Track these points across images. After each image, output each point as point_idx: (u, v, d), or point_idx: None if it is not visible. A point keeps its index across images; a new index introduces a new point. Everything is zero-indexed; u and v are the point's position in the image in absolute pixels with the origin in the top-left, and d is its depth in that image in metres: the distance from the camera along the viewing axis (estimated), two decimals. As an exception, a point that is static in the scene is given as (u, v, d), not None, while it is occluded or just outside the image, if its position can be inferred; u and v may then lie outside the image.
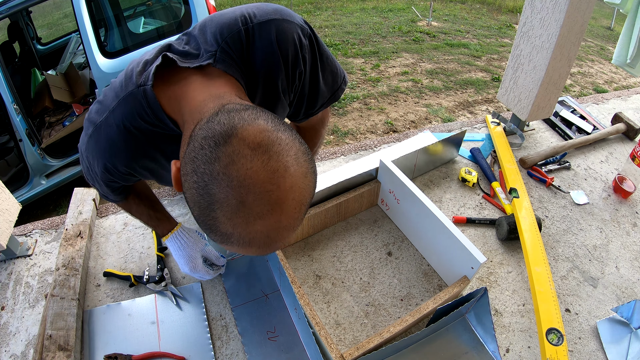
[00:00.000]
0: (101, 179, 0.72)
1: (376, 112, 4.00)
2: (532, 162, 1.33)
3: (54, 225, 1.13)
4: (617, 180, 1.25)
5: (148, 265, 1.01)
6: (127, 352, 0.83)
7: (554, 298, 0.90)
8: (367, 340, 0.78)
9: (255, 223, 0.43)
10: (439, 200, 1.20)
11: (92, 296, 0.94)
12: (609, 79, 5.09)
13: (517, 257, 1.05)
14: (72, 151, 2.89)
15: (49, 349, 0.80)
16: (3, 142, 2.80)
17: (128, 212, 0.91)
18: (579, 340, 0.89)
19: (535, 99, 1.31)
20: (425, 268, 1.01)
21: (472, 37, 6.08)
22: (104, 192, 0.80)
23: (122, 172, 0.69)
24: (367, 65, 4.97)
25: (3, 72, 2.42)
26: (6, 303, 0.94)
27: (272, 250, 0.49)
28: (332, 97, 0.82)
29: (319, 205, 1.02)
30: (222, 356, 0.84)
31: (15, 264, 1.02)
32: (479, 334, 0.87)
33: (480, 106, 4.21)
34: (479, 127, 1.53)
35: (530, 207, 1.10)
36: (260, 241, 0.45)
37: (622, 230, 1.15)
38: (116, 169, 0.68)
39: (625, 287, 1.00)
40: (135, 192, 0.88)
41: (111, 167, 0.67)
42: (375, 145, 1.42)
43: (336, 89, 0.81)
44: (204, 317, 0.90)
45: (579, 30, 1.18)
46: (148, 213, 0.88)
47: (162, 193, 1.22)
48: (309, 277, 0.98)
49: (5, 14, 2.48)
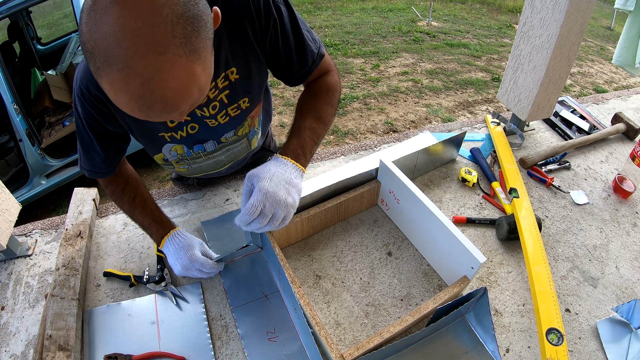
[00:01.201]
0: (81, 113, 0.78)
1: (376, 112, 4.00)
2: (532, 162, 1.33)
3: (54, 225, 1.13)
4: (617, 180, 1.25)
5: (148, 265, 1.01)
6: (127, 352, 0.83)
7: (554, 298, 0.90)
8: (367, 340, 0.78)
9: (102, 20, 0.46)
10: (439, 200, 1.20)
11: (92, 296, 0.94)
12: (609, 79, 5.09)
13: (517, 257, 1.05)
14: (72, 151, 2.89)
15: (49, 349, 0.80)
16: (3, 142, 2.81)
17: (131, 213, 0.95)
18: (579, 340, 0.89)
19: (535, 99, 1.31)
20: (425, 268, 1.01)
21: (472, 37, 6.08)
22: (87, 146, 0.85)
23: (93, 95, 0.73)
24: (367, 65, 4.97)
25: (3, 72, 2.42)
26: (6, 303, 0.94)
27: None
28: (319, 55, 0.89)
29: (319, 205, 1.02)
30: (222, 356, 0.84)
31: (15, 264, 1.02)
32: (478, 334, 0.87)
33: (480, 106, 4.21)
34: (479, 127, 1.53)
35: (530, 207, 1.10)
36: (112, 42, 0.46)
37: (622, 230, 1.15)
38: (89, 91, 0.73)
39: (625, 287, 1.00)
40: (140, 197, 0.94)
41: (85, 90, 0.73)
42: (375, 145, 1.42)
43: (319, 46, 0.89)
44: (204, 317, 0.90)
45: (579, 30, 1.18)
46: (153, 215, 0.93)
47: (162, 193, 1.22)
48: (309, 277, 0.98)
49: (5, 14, 2.49)
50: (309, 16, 6.79)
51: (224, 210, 1.15)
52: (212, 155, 0.99)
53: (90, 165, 0.89)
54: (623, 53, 1.71)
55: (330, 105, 0.93)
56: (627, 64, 1.72)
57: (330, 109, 0.92)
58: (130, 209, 0.95)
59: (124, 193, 0.95)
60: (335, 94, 0.95)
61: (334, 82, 0.95)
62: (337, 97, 0.96)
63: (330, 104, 0.93)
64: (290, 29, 0.81)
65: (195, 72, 0.51)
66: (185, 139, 0.90)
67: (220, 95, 0.82)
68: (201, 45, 0.50)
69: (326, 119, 0.91)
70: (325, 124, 0.91)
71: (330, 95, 0.93)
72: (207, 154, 0.97)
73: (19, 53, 3.45)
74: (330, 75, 0.95)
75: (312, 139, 0.86)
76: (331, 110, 0.93)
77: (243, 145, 1.02)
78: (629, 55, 1.69)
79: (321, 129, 0.90)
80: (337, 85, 0.96)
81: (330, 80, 0.94)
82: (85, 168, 0.91)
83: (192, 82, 0.52)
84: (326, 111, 0.92)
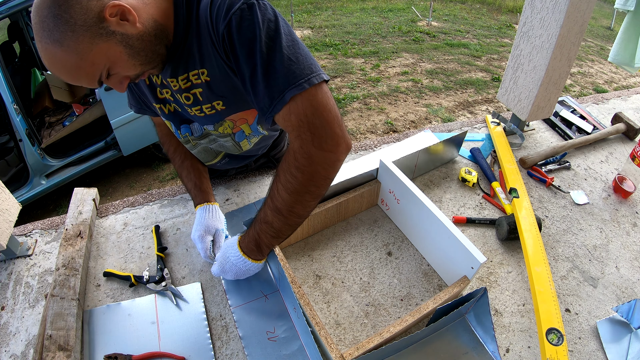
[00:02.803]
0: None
1: (376, 112, 4.00)
2: (532, 162, 1.33)
3: (54, 225, 1.13)
4: (617, 180, 1.25)
5: (148, 265, 1.01)
6: (127, 352, 0.83)
7: (554, 298, 0.90)
8: (367, 340, 0.78)
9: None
10: (439, 200, 1.20)
11: (92, 296, 0.94)
12: (609, 79, 5.09)
13: (517, 257, 1.05)
14: (72, 151, 2.89)
15: (49, 349, 0.80)
16: (3, 142, 2.80)
17: (179, 174, 1.07)
18: (579, 340, 0.89)
19: (535, 99, 1.31)
20: (425, 268, 1.01)
21: (472, 37, 6.08)
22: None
23: None
24: (367, 65, 4.97)
25: (3, 72, 2.43)
26: (6, 303, 0.94)
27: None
28: (289, 90, 0.65)
29: (319, 205, 1.02)
30: (222, 356, 0.84)
31: (15, 264, 1.02)
32: (478, 334, 0.87)
33: (480, 106, 4.21)
34: (479, 127, 1.53)
35: (530, 207, 1.10)
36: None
37: (622, 230, 1.15)
38: None
39: (625, 287, 1.00)
40: (190, 162, 1.05)
41: None
42: (375, 145, 1.42)
43: (296, 83, 0.65)
44: (204, 317, 0.90)
45: (579, 30, 1.18)
46: (194, 182, 1.04)
47: (163, 193, 1.22)
48: (309, 277, 0.98)
49: (5, 14, 2.49)
50: (309, 16, 6.79)
51: (223, 210, 1.15)
52: (200, 142, 1.01)
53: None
54: (620, 51, 1.72)
55: (290, 193, 0.71)
56: (624, 63, 1.73)
57: (291, 198, 0.72)
58: (179, 170, 1.08)
59: (175, 154, 1.07)
60: (299, 175, 0.69)
61: (308, 156, 0.67)
62: (307, 179, 0.69)
63: (291, 191, 0.71)
64: (248, 49, 0.66)
65: (56, 54, 0.64)
66: (171, 116, 0.95)
67: (194, 89, 0.84)
68: (62, 37, 0.62)
69: (285, 211, 0.74)
70: (286, 217, 0.75)
71: (292, 177, 0.70)
72: (195, 139, 1.00)
73: (19, 53, 3.45)
74: (308, 144, 0.67)
75: (267, 233, 0.79)
76: (292, 199, 0.72)
77: (230, 143, 1.02)
78: (626, 53, 1.69)
79: (279, 223, 0.76)
80: (312, 162, 0.68)
81: (301, 152, 0.67)
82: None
83: (55, 63, 0.65)
84: (285, 200, 0.72)
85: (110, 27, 0.65)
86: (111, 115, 2.72)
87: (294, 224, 0.79)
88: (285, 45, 0.67)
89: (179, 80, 0.83)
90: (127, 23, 0.66)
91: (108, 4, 0.64)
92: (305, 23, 6.44)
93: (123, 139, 2.88)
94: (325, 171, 0.71)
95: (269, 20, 0.67)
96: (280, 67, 0.66)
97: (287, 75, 0.66)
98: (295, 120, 0.67)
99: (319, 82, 0.67)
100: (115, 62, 0.68)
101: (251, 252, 0.85)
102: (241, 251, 0.86)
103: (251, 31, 0.66)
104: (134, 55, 0.69)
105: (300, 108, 0.66)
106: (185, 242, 1.06)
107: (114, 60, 0.68)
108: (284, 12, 6.93)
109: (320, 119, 0.66)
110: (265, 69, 0.66)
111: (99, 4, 0.63)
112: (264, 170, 1.29)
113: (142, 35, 0.69)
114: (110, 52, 0.66)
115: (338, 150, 0.69)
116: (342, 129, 0.68)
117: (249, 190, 1.22)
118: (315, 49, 5.34)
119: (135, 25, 0.67)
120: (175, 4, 0.74)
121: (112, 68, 0.69)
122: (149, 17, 0.71)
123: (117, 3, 0.64)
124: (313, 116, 0.66)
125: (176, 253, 1.04)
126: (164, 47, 0.75)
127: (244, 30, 0.66)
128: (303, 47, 0.69)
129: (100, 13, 0.63)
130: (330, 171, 0.72)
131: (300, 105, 0.66)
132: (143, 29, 0.69)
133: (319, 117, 0.66)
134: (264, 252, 0.86)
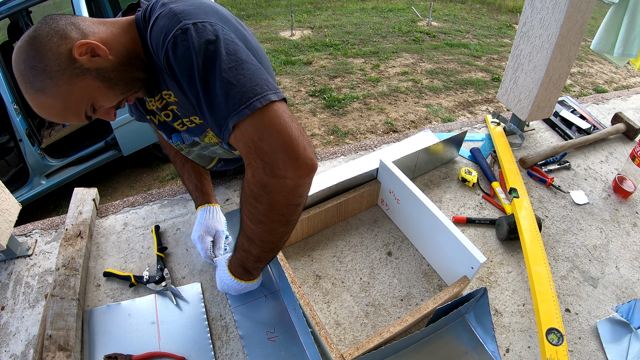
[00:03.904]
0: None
1: (376, 112, 4.00)
2: (532, 162, 1.33)
3: (54, 225, 1.13)
4: (617, 180, 1.25)
5: (148, 265, 1.01)
6: (127, 352, 0.83)
7: (554, 298, 0.90)
8: (367, 340, 0.78)
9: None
10: (439, 200, 1.20)
11: (92, 296, 0.94)
12: (609, 79, 5.09)
13: (517, 257, 1.05)
14: (72, 151, 2.89)
15: (49, 349, 0.80)
16: (3, 142, 2.80)
17: (181, 177, 1.10)
18: (579, 340, 0.89)
19: (535, 99, 1.31)
20: (425, 268, 1.01)
21: (472, 37, 6.08)
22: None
23: None
24: (367, 65, 4.97)
25: (3, 72, 2.42)
26: (6, 303, 0.94)
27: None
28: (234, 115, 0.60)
29: (319, 205, 1.02)
30: (222, 356, 0.84)
31: (15, 264, 1.02)
32: (478, 334, 0.87)
33: (480, 106, 4.21)
34: (479, 127, 1.53)
35: (530, 207, 1.10)
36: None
37: (622, 230, 1.15)
38: None
39: (625, 287, 1.00)
40: (191, 164, 1.07)
41: None
42: (375, 145, 1.42)
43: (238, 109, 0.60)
44: (204, 317, 0.90)
45: (579, 30, 1.18)
46: (195, 183, 1.06)
47: (163, 193, 1.22)
48: (309, 277, 0.98)
49: (5, 14, 2.49)
50: (309, 16, 6.79)
51: (224, 210, 1.15)
52: (192, 149, 1.02)
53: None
54: (602, 40, 1.75)
55: (255, 223, 0.69)
56: (604, 51, 1.76)
57: (257, 228, 0.69)
58: (180, 172, 1.10)
59: (176, 157, 1.09)
60: (258, 205, 0.65)
61: (262, 185, 0.62)
62: (268, 210, 0.65)
63: (255, 222, 0.68)
64: (188, 77, 0.63)
65: (41, 101, 0.68)
66: (162, 126, 0.97)
67: (170, 107, 0.86)
68: (43, 85, 0.66)
69: (257, 240, 0.72)
70: (259, 245, 0.73)
71: (252, 208, 0.66)
72: (187, 147, 1.00)
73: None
74: (259, 172, 0.61)
75: (249, 260, 0.79)
76: (259, 229, 0.69)
77: (221, 150, 1.03)
78: (608, 42, 1.73)
79: (256, 250, 0.75)
80: (268, 191, 0.62)
81: (254, 181, 0.63)
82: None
83: (43, 109, 0.70)
84: (253, 230, 0.70)
85: (83, 65, 0.67)
86: (111, 115, 2.71)
87: (271, 249, 0.75)
88: (225, 68, 0.61)
89: (155, 101, 0.86)
90: (99, 58, 0.68)
91: (75, 45, 0.66)
92: (305, 23, 6.44)
93: (123, 139, 2.88)
94: (285, 199, 0.64)
95: (208, 42, 0.62)
96: (221, 92, 0.60)
97: (227, 102, 0.60)
98: (243, 147, 0.62)
99: (265, 105, 0.60)
100: (96, 97, 0.71)
101: (242, 275, 0.85)
102: (232, 274, 0.85)
103: (187, 57, 0.62)
104: (112, 87, 0.71)
105: (246, 134, 0.60)
106: (185, 242, 1.06)
107: (94, 95, 0.70)
108: (284, 12, 6.93)
109: (268, 142, 0.59)
110: (207, 95, 0.62)
111: (67, 47, 0.66)
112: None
113: (116, 66, 0.70)
114: (88, 88, 0.69)
115: (295, 175, 0.61)
116: (297, 150, 0.59)
117: (249, 190, 1.22)
118: (315, 49, 5.34)
119: (107, 58, 0.69)
120: (139, 29, 0.74)
121: (95, 103, 0.72)
122: (120, 46, 0.72)
123: (84, 42, 0.66)
124: (260, 140, 0.60)
125: (176, 253, 1.04)
126: (142, 71, 0.76)
127: (179, 57, 0.62)
128: (250, 67, 0.62)
129: (70, 55, 0.66)
130: (292, 198, 0.64)
131: (244, 131, 0.60)
132: (116, 60, 0.70)
133: (266, 141, 0.59)
134: (253, 274, 0.86)
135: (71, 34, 0.67)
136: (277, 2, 7.44)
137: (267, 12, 7.01)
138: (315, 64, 4.94)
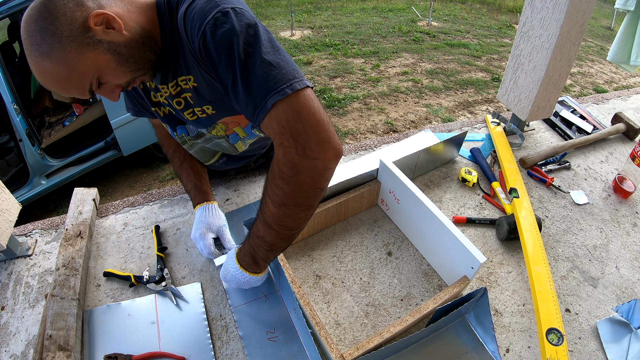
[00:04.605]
0: None
1: (376, 112, 4.00)
2: (532, 162, 1.33)
3: (54, 225, 1.13)
4: (617, 180, 1.25)
5: (148, 265, 1.01)
6: (127, 352, 0.83)
7: (554, 298, 0.90)
8: (367, 340, 0.78)
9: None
10: (439, 200, 1.20)
11: (92, 296, 0.94)
12: (609, 79, 5.09)
13: (517, 257, 1.05)
14: (72, 151, 2.89)
15: (49, 349, 0.80)
16: (3, 142, 2.80)
17: (179, 175, 1.08)
18: (579, 340, 0.89)
19: (535, 99, 1.31)
20: (425, 268, 1.01)
21: (472, 37, 6.08)
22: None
23: None
24: (367, 65, 4.97)
25: (3, 72, 2.43)
26: (6, 303, 0.94)
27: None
28: (271, 97, 0.62)
29: (319, 205, 1.02)
30: (222, 356, 0.84)
31: (15, 264, 1.02)
32: (478, 334, 0.87)
33: (480, 106, 4.21)
34: (479, 127, 1.53)
35: (530, 207, 1.10)
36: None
37: (622, 230, 1.15)
38: None
39: (625, 287, 1.00)
40: (189, 163, 1.06)
41: None
42: (375, 145, 1.42)
43: (278, 89, 0.62)
44: (204, 317, 0.90)
45: (579, 30, 1.18)
46: (194, 182, 1.04)
47: (163, 193, 1.22)
48: (309, 277, 0.98)
49: (5, 14, 2.49)
50: (309, 16, 6.79)
51: (224, 210, 1.15)
52: (196, 142, 1.01)
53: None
54: (619, 51, 1.74)
55: (277, 206, 0.69)
56: (622, 61, 1.75)
57: (279, 211, 0.69)
58: (178, 171, 1.08)
59: (174, 155, 1.08)
60: (285, 187, 0.66)
61: (292, 165, 0.63)
62: (294, 190, 0.66)
63: (278, 204, 0.68)
64: (226, 57, 0.64)
65: (45, 66, 0.65)
66: (167, 118, 0.97)
67: (184, 94, 0.85)
68: (50, 49, 0.63)
69: (275, 225, 0.71)
70: (277, 231, 0.72)
71: (278, 189, 0.67)
72: (191, 139, 1.00)
73: (19, 53, 3.45)
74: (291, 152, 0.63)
75: (262, 248, 0.78)
76: (280, 212, 0.69)
77: (226, 144, 1.03)
78: (625, 52, 1.71)
79: (271, 237, 0.74)
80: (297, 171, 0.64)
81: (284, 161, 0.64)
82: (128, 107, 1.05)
83: (45, 75, 0.66)
84: (273, 214, 0.70)
85: (96, 36, 0.65)
86: (111, 115, 2.72)
87: (287, 237, 0.75)
88: (265, 51, 0.64)
89: (169, 87, 0.84)
90: (113, 31, 0.67)
91: (92, 13, 0.64)
92: (305, 23, 6.44)
93: (123, 139, 2.88)
94: (312, 181, 0.65)
95: (248, 26, 0.64)
96: (261, 73, 0.63)
97: (267, 82, 0.63)
98: (276, 127, 0.64)
99: (303, 88, 0.63)
100: (104, 71, 0.69)
101: (248, 265, 0.83)
102: (239, 264, 0.83)
103: (227, 38, 0.63)
104: (122, 63, 0.70)
105: (282, 114, 0.63)
106: (185, 242, 1.06)
107: (102, 68, 0.68)
108: (284, 12, 6.93)
109: (303, 123, 0.62)
110: (245, 76, 0.64)
111: (83, 14, 0.64)
112: (264, 170, 1.29)
113: (129, 42, 0.69)
114: (98, 60, 0.67)
115: (325, 157, 0.64)
116: (328, 134, 0.63)
117: (249, 190, 1.22)
118: (315, 49, 5.34)
119: (121, 33, 0.68)
120: (159, 12, 0.74)
121: (101, 77, 0.70)
122: (135, 24, 0.71)
123: (101, 12, 0.65)
124: (295, 121, 0.62)
125: (176, 253, 1.04)
126: (153, 53, 0.75)
127: (219, 38, 0.64)
128: (285, 54, 0.67)
129: (85, 23, 0.64)
130: (319, 180, 0.66)
131: (281, 111, 0.63)
132: (130, 36, 0.69)
133: (302, 122, 0.62)
134: (261, 265, 0.83)
135: (88, 2, 0.65)
136: (277, 2, 7.44)
137: (267, 12, 7.01)
138: (315, 64, 4.94)
